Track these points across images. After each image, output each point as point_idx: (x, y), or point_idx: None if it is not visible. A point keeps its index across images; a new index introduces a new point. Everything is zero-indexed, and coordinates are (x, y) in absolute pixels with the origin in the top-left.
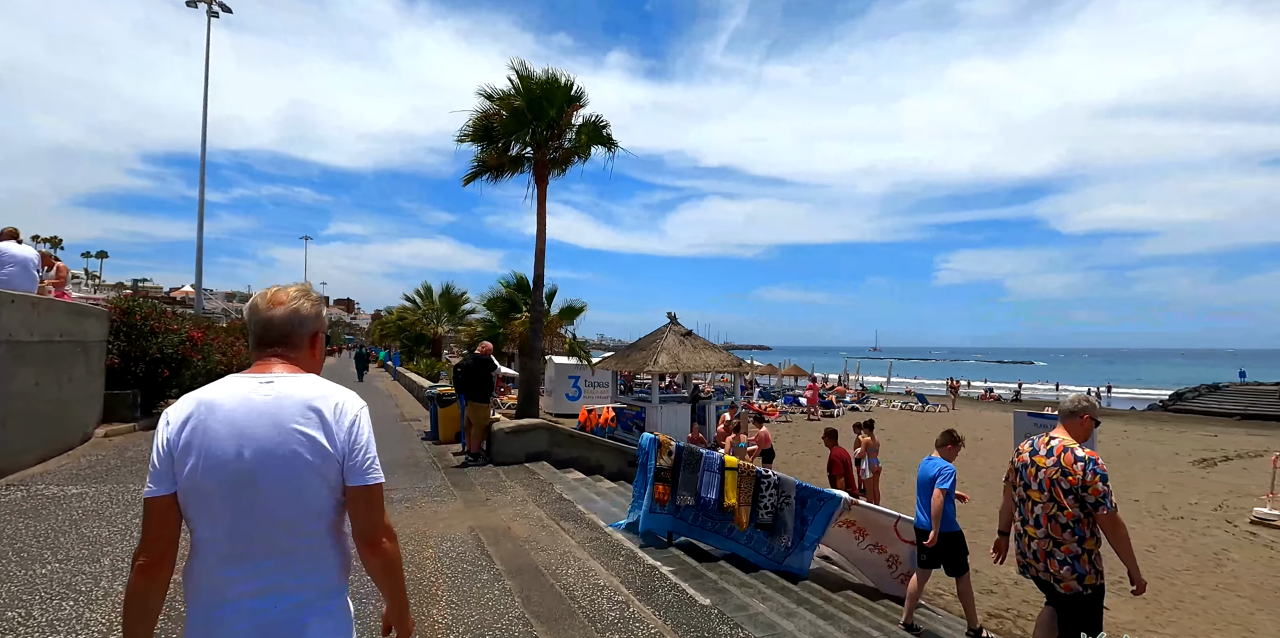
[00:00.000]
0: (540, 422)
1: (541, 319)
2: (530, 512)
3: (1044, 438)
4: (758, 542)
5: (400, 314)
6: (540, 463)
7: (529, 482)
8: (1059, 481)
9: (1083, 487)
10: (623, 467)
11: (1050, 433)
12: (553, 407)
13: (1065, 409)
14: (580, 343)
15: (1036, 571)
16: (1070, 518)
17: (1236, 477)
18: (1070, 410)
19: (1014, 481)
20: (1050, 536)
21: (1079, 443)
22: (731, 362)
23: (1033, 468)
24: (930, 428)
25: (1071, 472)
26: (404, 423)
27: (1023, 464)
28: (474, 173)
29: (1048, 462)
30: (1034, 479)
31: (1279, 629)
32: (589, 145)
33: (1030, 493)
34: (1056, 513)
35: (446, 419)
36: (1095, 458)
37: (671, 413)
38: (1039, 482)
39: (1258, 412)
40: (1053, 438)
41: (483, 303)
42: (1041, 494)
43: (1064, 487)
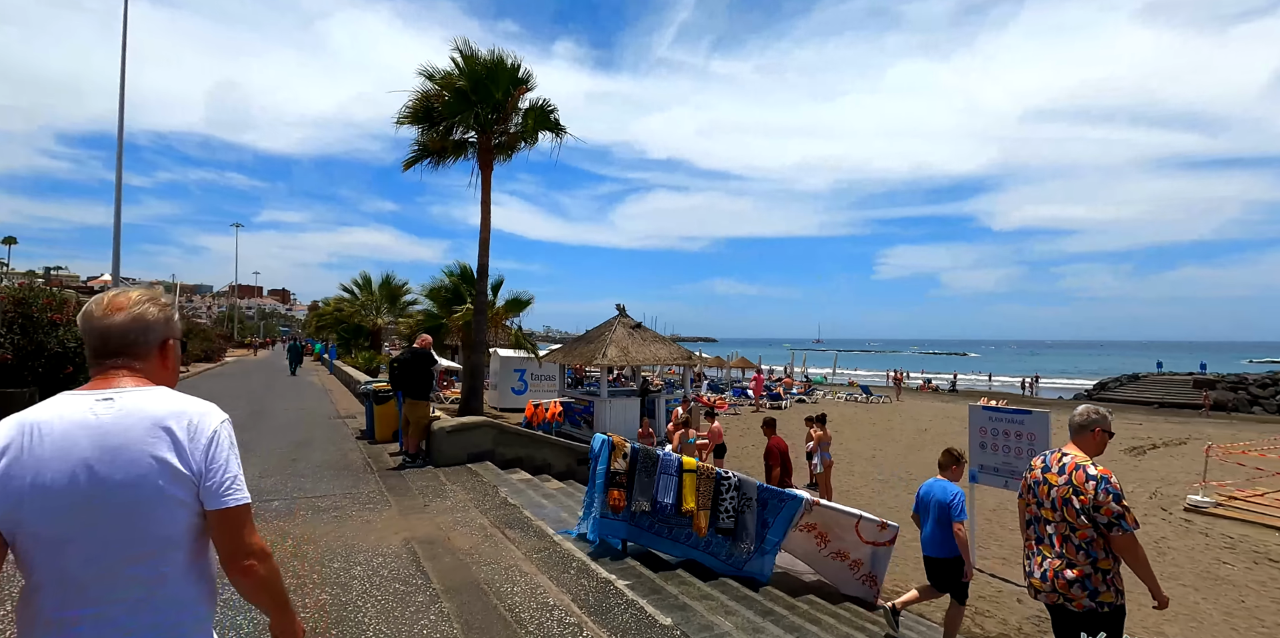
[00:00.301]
0: (483, 419)
1: (486, 311)
2: (472, 519)
3: (1056, 454)
4: (717, 547)
5: (337, 305)
6: (484, 463)
7: (471, 484)
8: (1071, 500)
9: (1095, 507)
10: (571, 465)
11: (1062, 449)
12: (498, 401)
13: (1075, 424)
14: (526, 335)
15: (1042, 591)
16: (1084, 539)
17: (1165, 465)
18: (1080, 424)
19: (1026, 498)
20: (1064, 556)
21: (1091, 459)
22: (681, 354)
23: (1045, 486)
24: (875, 419)
25: (1083, 491)
26: (337, 421)
27: (1035, 482)
28: (414, 157)
29: (1059, 480)
30: (1046, 498)
31: (1224, 618)
32: (536, 130)
33: (1043, 512)
34: (1069, 533)
35: (383, 417)
36: (1108, 476)
37: (620, 407)
38: (1051, 500)
39: (1173, 401)
40: (1065, 454)
41: (424, 293)
42: (1054, 513)
43: (1076, 506)
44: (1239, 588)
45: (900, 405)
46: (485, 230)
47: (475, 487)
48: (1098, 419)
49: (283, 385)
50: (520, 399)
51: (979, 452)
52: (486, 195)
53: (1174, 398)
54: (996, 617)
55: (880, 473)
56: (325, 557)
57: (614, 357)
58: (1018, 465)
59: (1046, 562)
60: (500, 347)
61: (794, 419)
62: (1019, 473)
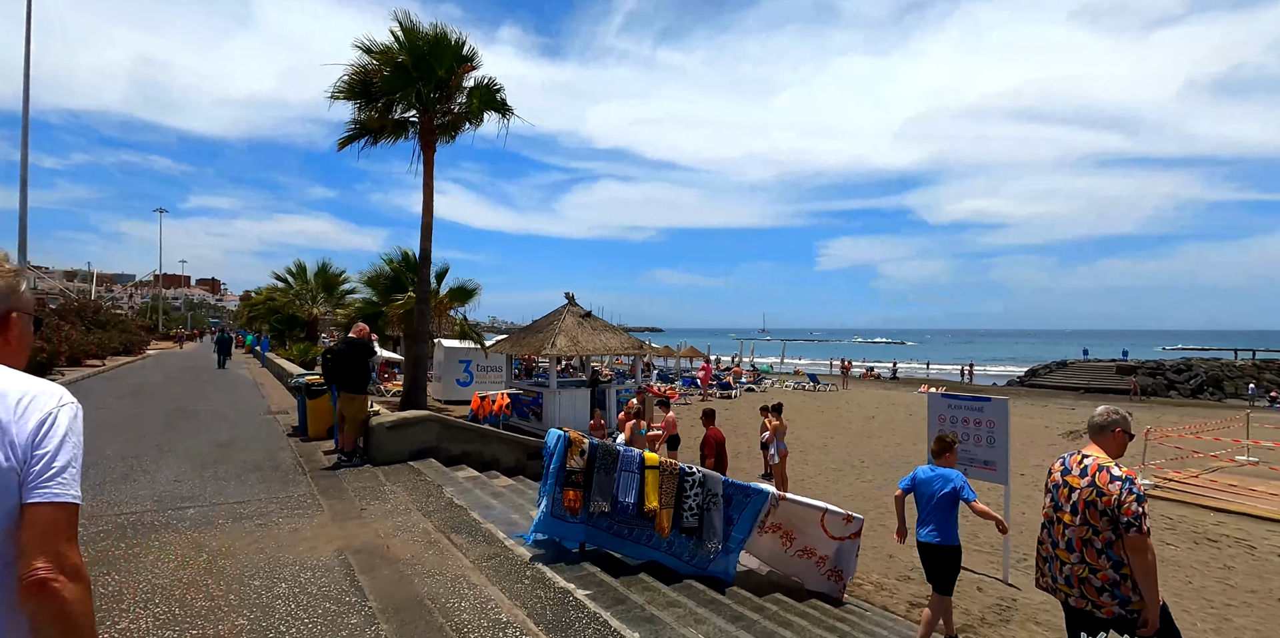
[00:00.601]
0: (426, 414)
1: (429, 299)
2: (414, 523)
3: (1076, 456)
4: (679, 547)
5: (270, 294)
6: (427, 460)
7: (414, 484)
8: (1094, 502)
9: (1118, 506)
10: (521, 460)
11: (1083, 451)
12: (443, 393)
13: (1095, 424)
14: (472, 325)
15: (1068, 596)
16: (1104, 542)
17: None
18: (1100, 425)
19: (1045, 501)
20: (1085, 561)
21: (1114, 460)
22: (632, 344)
23: (1065, 489)
24: (824, 407)
25: (1107, 492)
26: (268, 417)
27: (1054, 485)
28: (350, 136)
29: (1081, 482)
30: (1066, 501)
31: (1174, 600)
32: (481, 110)
33: (1061, 515)
34: (1091, 537)
35: (316, 413)
36: (1132, 477)
37: (570, 398)
38: (1072, 504)
39: (1099, 386)
40: (1086, 456)
41: (363, 281)
42: (1074, 517)
43: (1099, 508)
44: (1184, 569)
45: (847, 393)
46: (428, 215)
47: (418, 487)
48: (1118, 420)
49: (209, 380)
50: (466, 391)
51: None
52: (429, 178)
53: (1099, 383)
54: (959, 607)
55: (833, 461)
56: (245, 573)
57: (563, 347)
58: (976, 453)
59: (1068, 567)
60: (445, 337)
61: (744, 409)
62: (978, 460)
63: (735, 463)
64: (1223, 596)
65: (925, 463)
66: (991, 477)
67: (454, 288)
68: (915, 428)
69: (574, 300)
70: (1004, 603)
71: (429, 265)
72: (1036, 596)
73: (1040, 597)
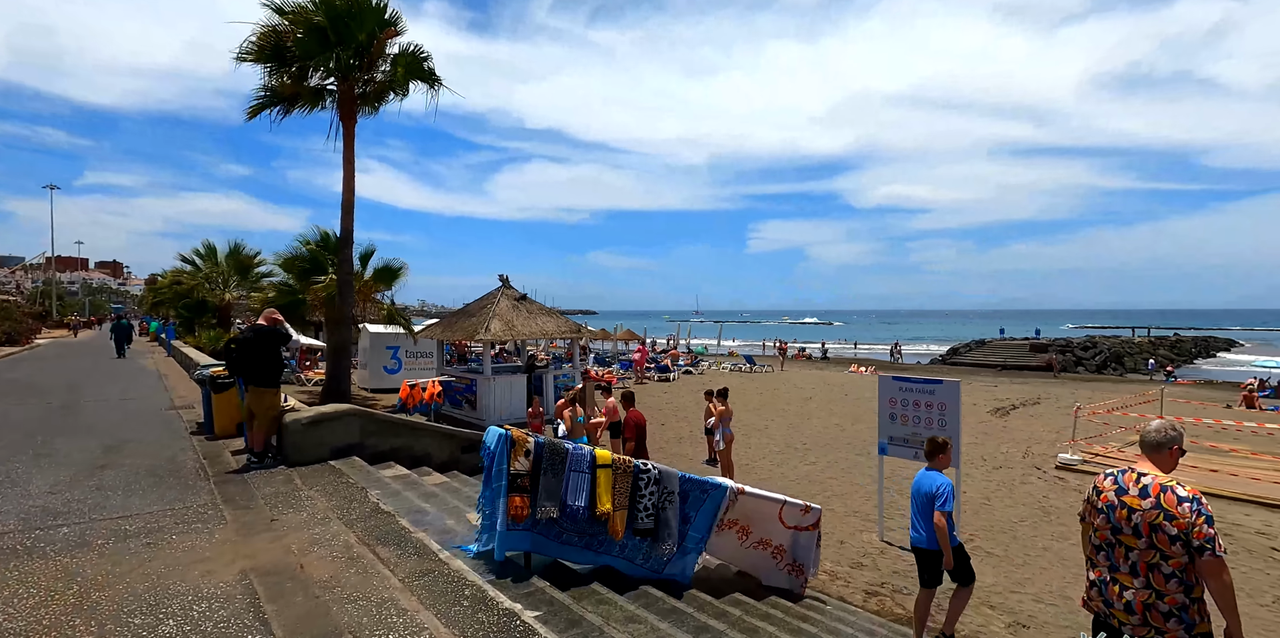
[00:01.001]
0: (348, 408)
1: (351, 282)
2: (334, 535)
3: (1130, 474)
4: (633, 550)
5: (175, 278)
6: (350, 459)
7: (334, 488)
8: (1161, 525)
9: (1190, 529)
10: (455, 454)
11: (1135, 468)
12: (369, 381)
13: (1151, 442)
14: (400, 309)
15: (1123, 623)
16: (1176, 567)
17: (1028, 424)
18: (1157, 443)
19: (1094, 521)
20: (1152, 586)
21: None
22: (570, 327)
23: (1123, 509)
24: (762, 389)
25: (1177, 515)
26: (170, 413)
27: (1108, 505)
28: (261, 104)
29: (1144, 504)
30: (1125, 523)
31: None
32: (407, 80)
33: (1122, 538)
34: (1159, 562)
35: (223, 408)
36: (1199, 496)
37: (505, 385)
38: (1134, 526)
39: (1015, 363)
40: (1142, 474)
41: (278, 264)
42: (1139, 540)
43: (1169, 532)
44: None
45: (784, 375)
46: (349, 191)
47: (339, 491)
48: (1175, 436)
49: (106, 371)
50: (394, 379)
51: (888, 423)
52: (349, 152)
53: (1015, 361)
54: (914, 594)
55: (775, 444)
56: (125, 607)
57: (498, 331)
58: (926, 436)
59: (1129, 592)
60: (370, 322)
61: (684, 392)
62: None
63: (678, 448)
64: None
65: (863, 443)
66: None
67: (378, 268)
68: (851, 408)
69: (508, 283)
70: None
71: (351, 246)
72: (986, 577)
73: (991, 579)
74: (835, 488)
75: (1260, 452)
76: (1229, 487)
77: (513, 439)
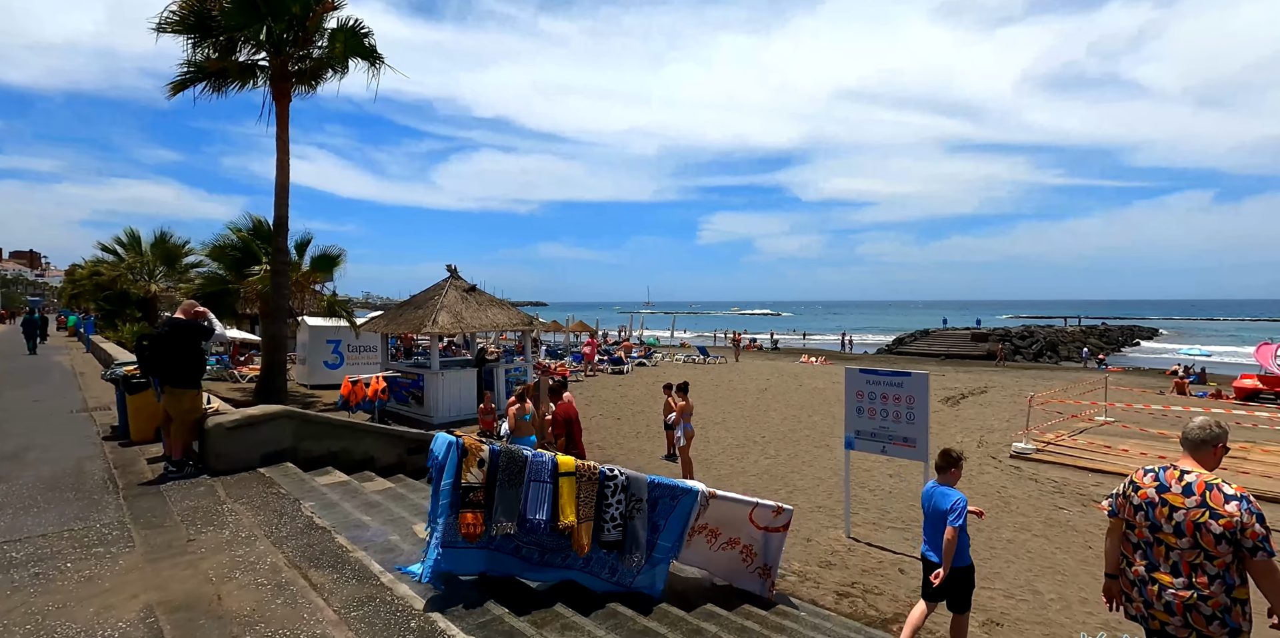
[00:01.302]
0: (280, 409)
1: (287, 271)
2: (260, 557)
3: (1172, 471)
4: (598, 564)
5: (95, 268)
6: (283, 466)
7: (263, 500)
8: (1207, 524)
9: (1241, 528)
10: (401, 456)
11: (1178, 465)
12: (308, 377)
13: (1195, 439)
14: (342, 301)
15: (1165, 624)
16: (1221, 566)
17: (979, 413)
18: (1201, 440)
19: (1132, 518)
20: (1194, 586)
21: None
22: (522, 319)
23: (1164, 507)
24: (717, 381)
25: (1224, 513)
26: (82, 416)
27: (1147, 501)
28: (185, 79)
29: (1188, 502)
30: (1166, 521)
31: (1080, 567)
32: (346, 56)
33: (1163, 536)
34: (1203, 561)
35: (140, 411)
36: (1246, 495)
37: (455, 380)
38: (1176, 525)
39: (957, 352)
40: (1185, 472)
41: (206, 253)
42: (1181, 539)
43: (1215, 531)
44: (1081, 533)
45: (738, 366)
46: (283, 174)
47: (268, 503)
48: (1220, 433)
49: (14, 369)
50: (335, 374)
51: (855, 417)
52: (284, 132)
53: (958, 350)
54: (886, 594)
55: (734, 437)
56: None
57: (446, 324)
58: (894, 430)
59: (1169, 592)
60: (310, 315)
61: (639, 385)
62: (896, 437)
63: (635, 444)
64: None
65: (821, 435)
66: (911, 454)
67: (316, 257)
68: (806, 399)
69: (456, 273)
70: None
71: (286, 233)
72: None
73: None
74: (798, 483)
75: None
76: None
77: (464, 448)
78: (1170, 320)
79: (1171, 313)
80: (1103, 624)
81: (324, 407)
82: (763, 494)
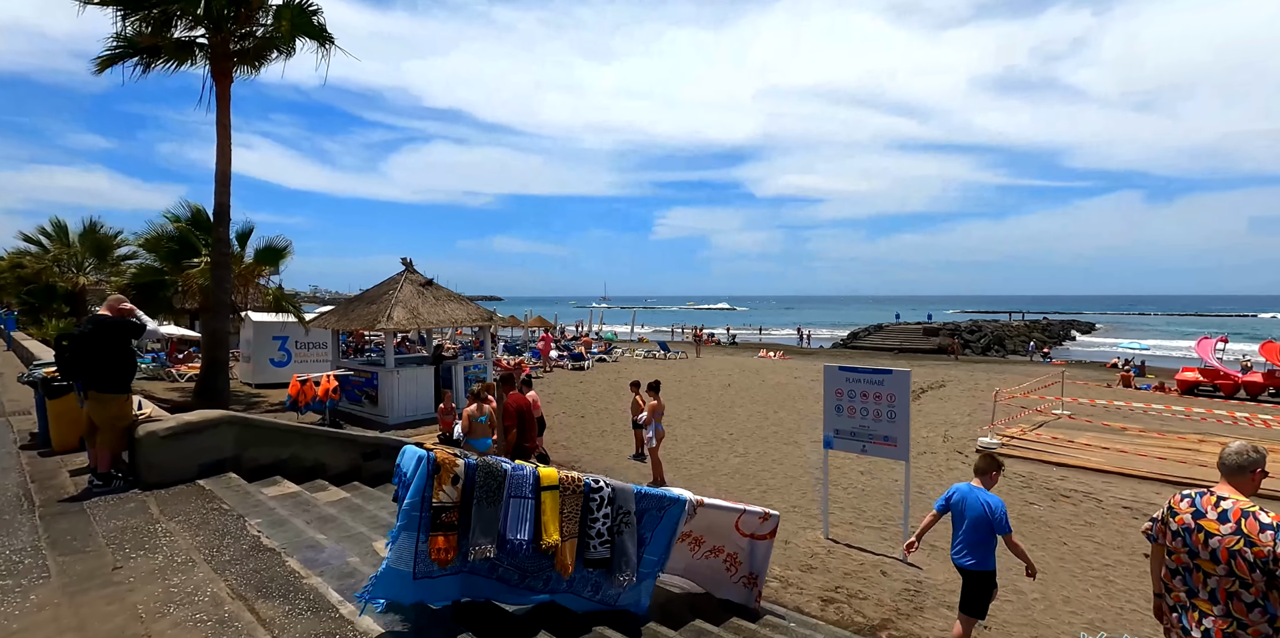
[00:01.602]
0: (221, 414)
1: (229, 263)
2: (199, 586)
3: (1209, 497)
4: (581, 583)
5: (17, 260)
6: (224, 477)
7: (203, 517)
8: (1241, 552)
9: (1273, 559)
10: (355, 461)
11: (1215, 492)
12: (253, 376)
13: (1232, 464)
14: (290, 296)
15: None
16: (1257, 594)
17: (940, 407)
18: (1239, 465)
19: (1170, 544)
20: (1233, 615)
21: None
22: (482, 314)
23: (1200, 533)
24: (680, 377)
25: (1258, 542)
26: (0, 420)
27: (1183, 527)
28: (114, 56)
29: (1223, 529)
30: (1203, 547)
31: (1059, 564)
32: (293, 36)
33: (1200, 563)
34: (1239, 590)
35: (62, 416)
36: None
37: (411, 378)
38: (1212, 551)
39: (910, 346)
40: (1222, 498)
41: (140, 243)
42: (1217, 566)
43: (1248, 559)
44: (1055, 529)
45: (699, 361)
46: (224, 160)
47: (209, 521)
48: (1258, 458)
49: None
50: (283, 373)
51: (834, 415)
52: (225, 115)
53: (910, 344)
54: (871, 598)
55: (701, 435)
56: None
57: (402, 319)
58: (875, 429)
59: (1208, 620)
60: (254, 310)
61: (599, 381)
62: (877, 436)
63: (601, 443)
64: (1097, 555)
65: (788, 431)
66: (891, 453)
67: (261, 249)
68: (770, 394)
69: (412, 266)
70: (912, 588)
71: (227, 223)
72: (939, 574)
73: (943, 576)
74: (770, 482)
75: (1151, 430)
76: (1139, 466)
77: (437, 463)
78: (1105, 315)
79: (1105, 308)
80: (1088, 624)
81: (270, 407)
82: (736, 494)
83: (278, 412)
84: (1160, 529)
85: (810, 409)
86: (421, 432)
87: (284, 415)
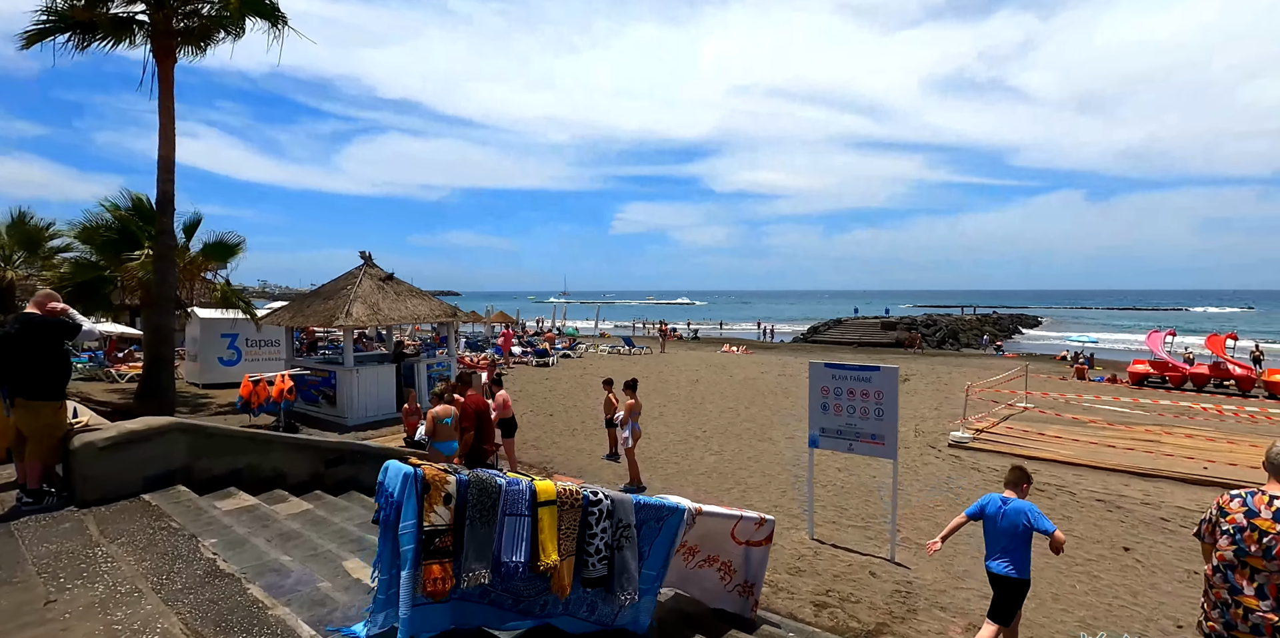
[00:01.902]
0: (169, 421)
1: (173, 257)
2: (148, 622)
3: (1261, 496)
4: (577, 604)
5: None
6: (173, 490)
7: (149, 538)
8: None
9: None
10: (317, 469)
11: (1267, 491)
12: (200, 375)
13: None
14: (238, 291)
15: None
16: None
17: (907, 401)
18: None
19: (1218, 542)
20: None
21: None
22: (445, 310)
23: (1252, 531)
24: (647, 372)
25: None
26: None
27: (1235, 527)
28: (43, 30)
29: (1278, 527)
30: (1255, 544)
31: (1042, 560)
32: (243, 14)
33: (1250, 560)
34: None
35: None
36: None
37: (371, 377)
38: (1264, 548)
39: (869, 340)
40: (1275, 497)
41: (75, 235)
42: (1270, 563)
43: None
44: None
45: (664, 356)
46: (167, 146)
47: (156, 542)
48: None
49: None
50: (233, 372)
51: (820, 413)
52: (168, 97)
53: (870, 338)
54: (864, 601)
55: (674, 433)
56: None
57: (361, 315)
58: (862, 427)
59: (1256, 615)
60: (201, 306)
61: (565, 377)
62: (864, 434)
63: (572, 442)
64: (1079, 550)
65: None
66: (879, 451)
67: (210, 244)
68: (740, 390)
69: (371, 260)
70: (903, 589)
71: (172, 213)
72: (928, 574)
73: (932, 575)
74: (748, 480)
75: (1117, 422)
76: (1106, 459)
77: (425, 481)
78: (1050, 310)
79: (1049, 303)
80: (1079, 622)
81: (220, 409)
82: (715, 494)
83: (228, 414)
84: (1208, 529)
85: (780, 404)
86: (384, 433)
87: (235, 418)
